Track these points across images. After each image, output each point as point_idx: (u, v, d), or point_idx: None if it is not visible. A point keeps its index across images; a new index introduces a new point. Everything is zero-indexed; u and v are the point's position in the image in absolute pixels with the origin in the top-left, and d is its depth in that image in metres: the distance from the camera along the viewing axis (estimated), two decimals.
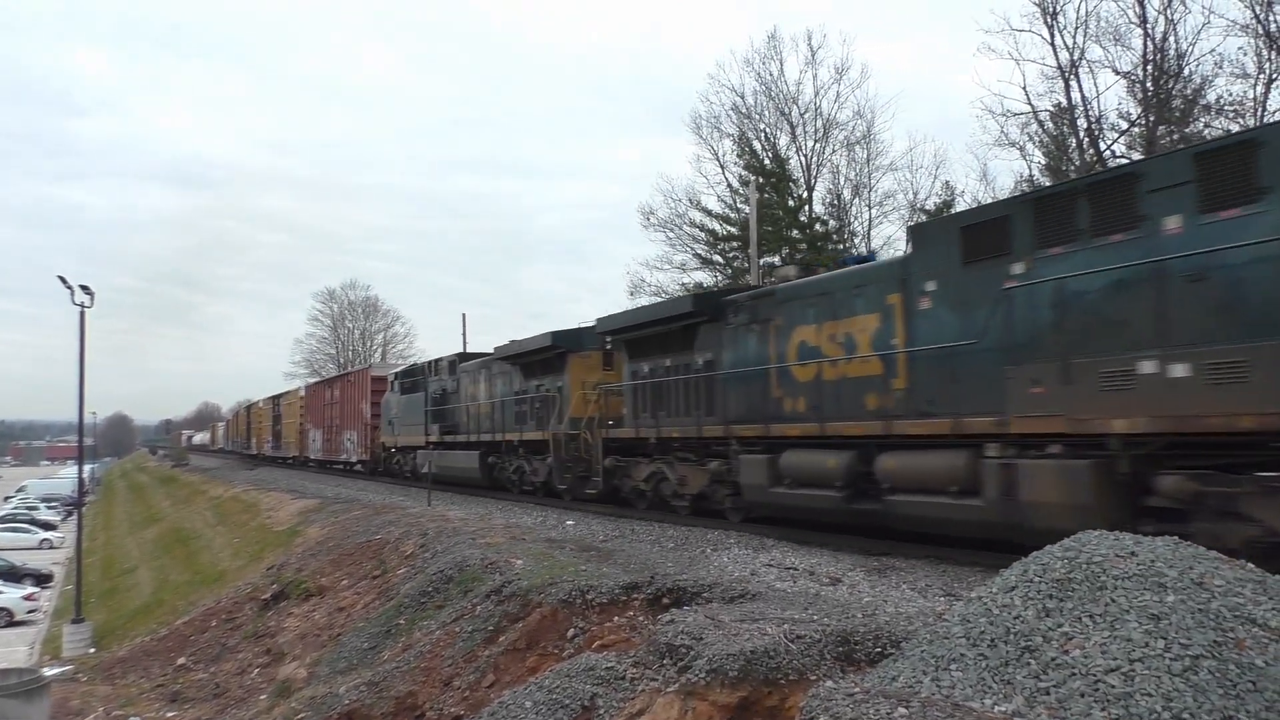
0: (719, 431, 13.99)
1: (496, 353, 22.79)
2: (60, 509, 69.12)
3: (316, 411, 44.54)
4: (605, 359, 19.17)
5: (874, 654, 6.23)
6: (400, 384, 30.08)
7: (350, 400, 37.89)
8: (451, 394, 26.52)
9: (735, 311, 14.03)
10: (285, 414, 51.98)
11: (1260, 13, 24.16)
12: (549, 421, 19.57)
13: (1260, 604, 4.91)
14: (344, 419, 39.09)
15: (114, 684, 16.54)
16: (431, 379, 27.62)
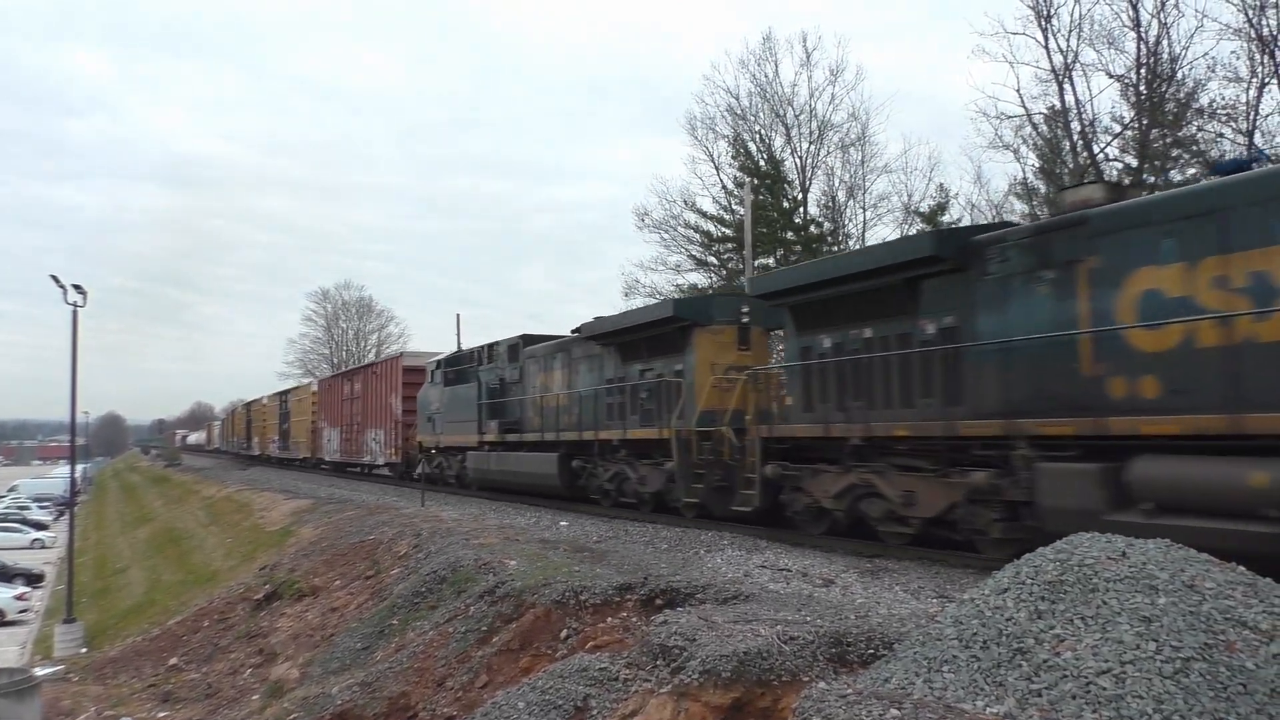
0: (993, 429, 9.83)
1: (583, 331, 18.46)
2: (52, 508, 68.95)
3: (333, 408, 39.62)
4: (740, 335, 15.51)
5: (867, 655, 6.25)
6: (444, 374, 25.33)
7: (376, 394, 33.16)
8: (513, 384, 22.10)
9: (1001, 255, 10.08)
10: (295, 411, 47.71)
11: (1253, 17, 24.27)
12: (664, 416, 15.66)
13: (1251, 606, 4.93)
14: (368, 416, 34.24)
15: (105, 684, 16.49)
16: (485, 367, 23.43)
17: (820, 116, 37.97)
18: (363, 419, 34.86)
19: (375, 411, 33.16)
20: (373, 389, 33.67)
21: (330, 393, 40.50)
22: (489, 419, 22.12)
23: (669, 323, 15.78)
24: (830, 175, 38.29)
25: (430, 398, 26.24)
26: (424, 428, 27.13)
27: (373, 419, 33.61)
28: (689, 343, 15.46)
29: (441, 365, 25.75)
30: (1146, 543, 5.69)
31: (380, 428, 32.49)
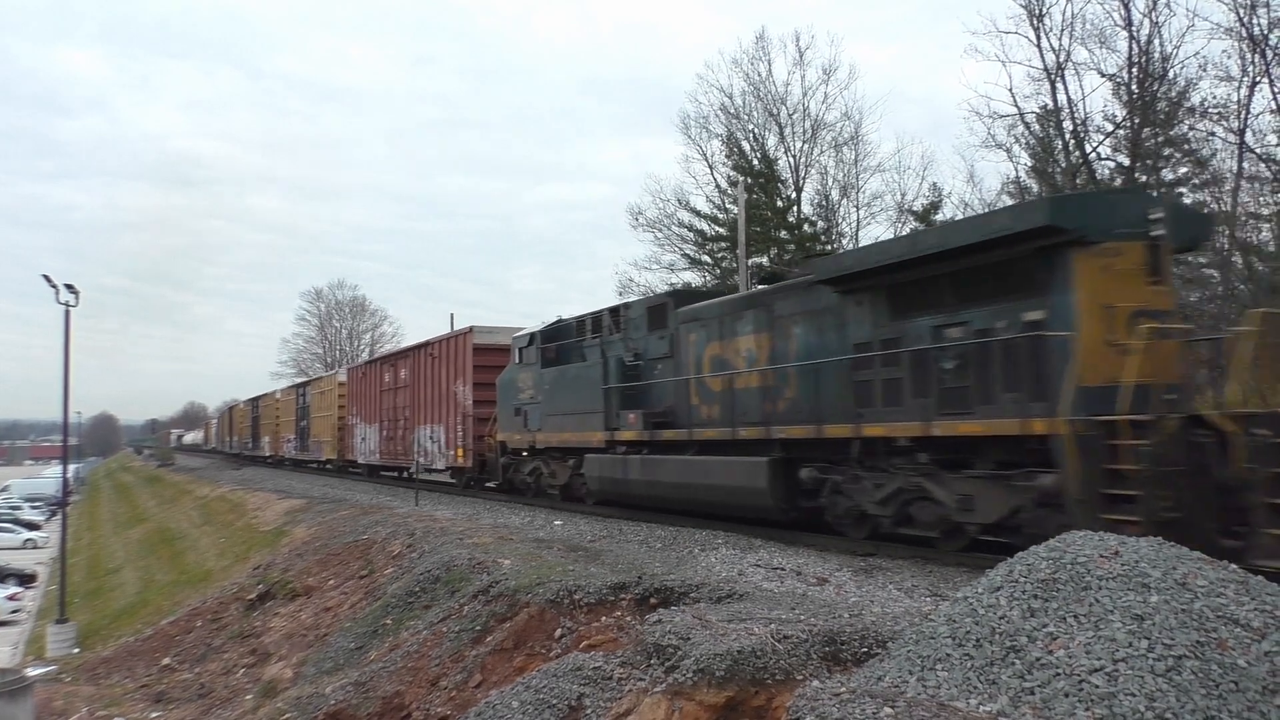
0: None
1: (814, 271, 12.45)
2: (45, 508, 68.72)
3: (368, 400, 32.63)
4: (1150, 259, 9.57)
5: (860, 654, 6.26)
6: (540, 352, 19.28)
7: (433, 381, 26.32)
8: (660, 360, 15.99)
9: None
10: (316, 406, 40.22)
11: (1244, 16, 24.35)
12: (996, 396, 9.75)
13: (1243, 604, 4.95)
14: (420, 409, 27.29)
15: (98, 684, 16.43)
16: (611, 339, 17.38)
17: (813, 115, 37.98)
18: (412, 413, 27.89)
19: (432, 403, 26.31)
20: (427, 375, 26.86)
21: (364, 382, 33.34)
22: (623, 409, 16.04)
23: (1021, 240, 9.53)
24: (824, 174, 38.33)
25: (518, 384, 19.97)
26: (507, 422, 20.56)
27: (428, 412, 26.63)
28: (1064, 272, 9.42)
29: (537, 341, 19.48)
30: (1139, 541, 5.71)
31: (439, 423, 25.61)
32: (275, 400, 50.43)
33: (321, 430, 39.32)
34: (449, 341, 25.45)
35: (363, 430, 33.23)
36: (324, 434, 38.78)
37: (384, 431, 30.67)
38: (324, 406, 38.81)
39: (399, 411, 29.25)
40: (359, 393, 33.87)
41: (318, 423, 39.96)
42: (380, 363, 32.44)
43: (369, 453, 32.40)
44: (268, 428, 51.83)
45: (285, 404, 47.34)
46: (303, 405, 43.09)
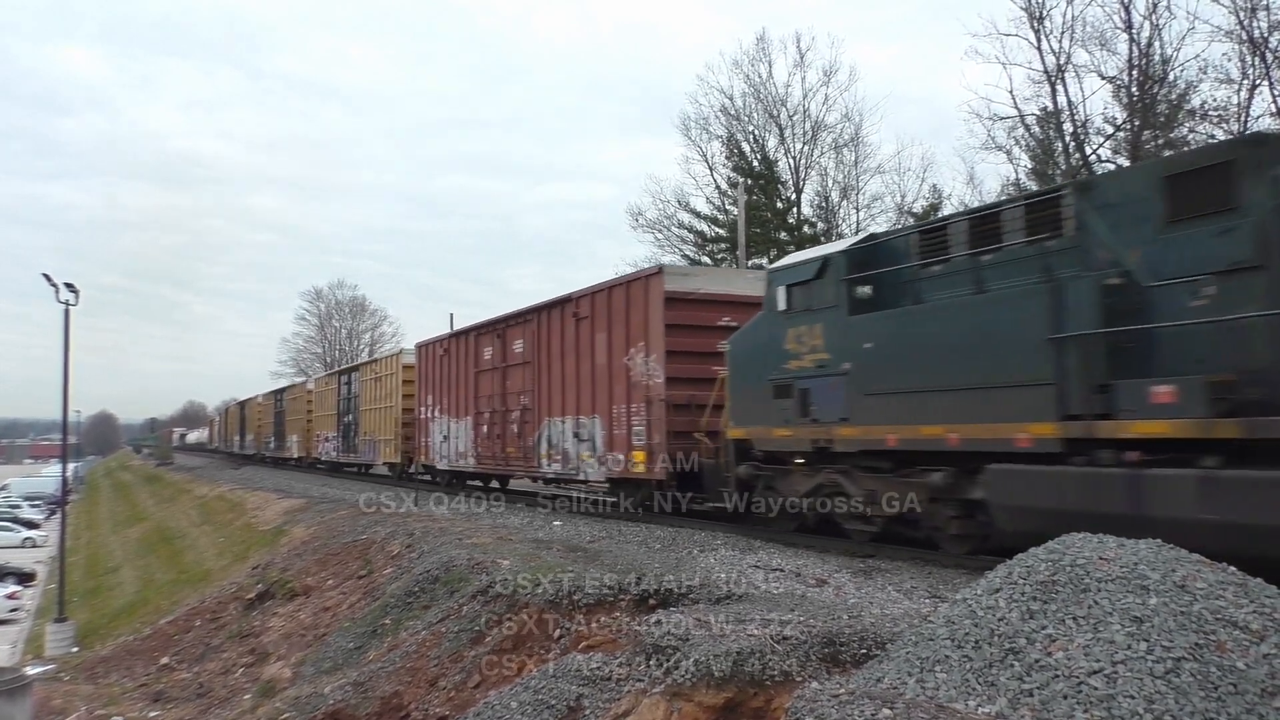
0: None
1: None
2: (44, 507, 68.76)
3: (453, 386, 23.57)
4: None
5: (859, 655, 6.26)
6: (844, 290, 11.16)
7: (576, 352, 17.84)
8: (1217, 275, 7.70)
9: None
10: (369, 396, 31.74)
11: (1244, 19, 24.37)
12: None
13: (1242, 607, 4.95)
14: (553, 393, 18.65)
15: (97, 683, 16.44)
16: (1052, 247, 9.22)
17: (814, 117, 38.04)
18: (536, 400, 19.24)
19: (574, 385, 17.82)
20: (566, 344, 18.16)
21: (446, 362, 24.12)
22: (1113, 375, 8.23)
23: None
24: (824, 176, 38.40)
25: (785, 344, 12.05)
26: (755, 409, 12.62)
27: (566, 399, 18.04)
28: None
29: (835, 270, 11.32)
30: (1138, 543, 5.71)
31: (590, 414, 17.18)
32: (307, 392, 42.84)
33: (377, 426, 30.67)
34: (614, 291, 16.67)
35: (445, 426, 24.06)
36: (381, 430, 30.27)
37: (483, 427, 21.64)
38: (380, 396, 30.57)
39: (511, 399, 20.33)
40: (438, 376, 24.69)
41: (372, 417, 31.48)
42: (476, 333, 22.33)
43: (456, 455, 23.32)
44: (296, 424, 43.94)
45: (322, 395, 38.84)
46: (348, 396, 34.60)
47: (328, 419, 37.80)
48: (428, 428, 25.45)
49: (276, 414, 48.98)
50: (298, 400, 44.40)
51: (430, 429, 25.28)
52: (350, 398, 34.47)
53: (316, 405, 39.99)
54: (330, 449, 37.29)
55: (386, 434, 29.66)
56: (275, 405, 49.47)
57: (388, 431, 29.52)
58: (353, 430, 33.89)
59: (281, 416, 47.84)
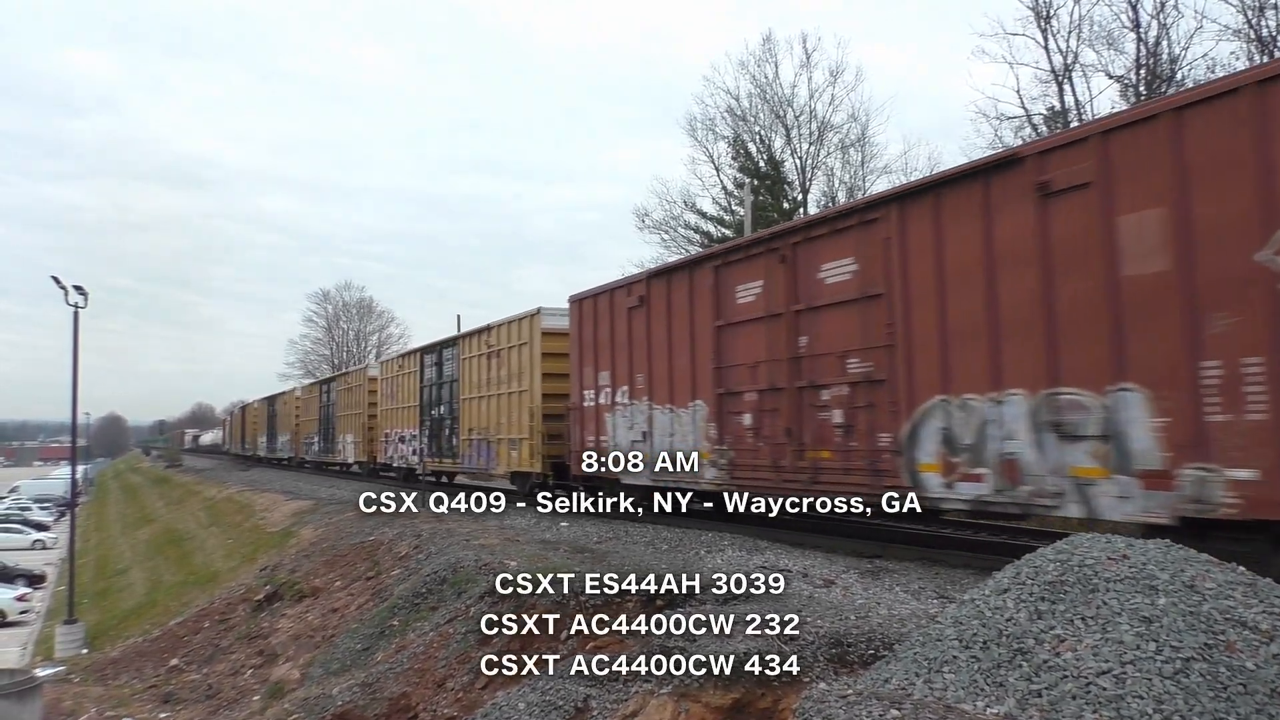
0: None
1: None
2: (53, 509, 68.99)
3: (659, 353, 14.87)
4: None
5: (867, 656, 6.25)
6: None
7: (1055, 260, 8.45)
8: None
9: None
10: (471, 382, 22.69)
11: (1252, 18, 24.26)
12: None
13: (1251, 607, 4.93)
14: (961, 349, 9.45)
15: (107, 685, 16.50)
16: None
17: (820, 117, 37.93)
18: (899, 362, 10.32)
19: (1050, 326, 8.53)
20: (1007, 251, 9.02)
21: (639, 319, 15.52)
22: None
23: None
24: (830, 176, 38.29)
25: None
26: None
27: (1027, 354, 8.78)
28: None
29: None
30: (1147, 543, 5.69)
31: (1134, 381, 7.81)
32: (369, 379, 33.26)
33: (491, 420, 21.27)
34: None
35: (640, 417, 15.22)
36: (501, 427, 20.66)
37: (740, 417, 12.95)
38: (491, 380, 21.30)
39: (819, 367, 11.61)
40: (621, 340, 15.93)
41: (477, 409, 22.17)
42: (716, 265, 13.55)
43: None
44: (348, 422, 35.72)
45: (394, 382, 29.51)
46: (435, 380, 25.48)
47: (398, 414, 28.85)
48: (599, 420, 16.33)
49: (323, 409, 39.39)
50: (354, 390, 34.97)
51: (605, 422, 16.16)
52: (440, 383, 25.00)
53: (385, 395, 30.46)
54: (406, 451, 27.79)
55: (513, 430, 20.05)
56: (322, 398, 40.10)
57: (515, 427, 19.92)
58: (441, 430, 24.80)
59: (330, 411, 38.44)
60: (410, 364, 27.84)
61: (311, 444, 41.56)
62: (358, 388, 34.51)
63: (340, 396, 36.90)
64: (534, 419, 19.23)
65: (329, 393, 38.99)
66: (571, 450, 17.35)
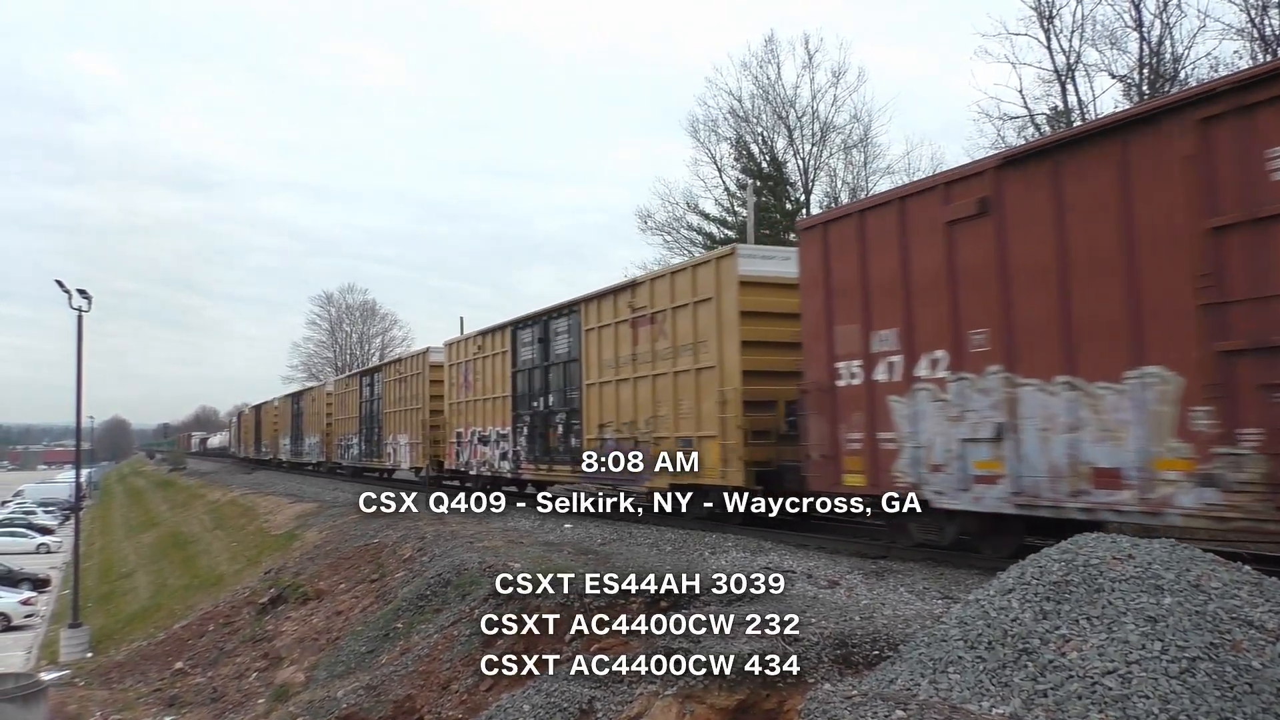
0: None
1: None
2: (57, 513, 69.04)
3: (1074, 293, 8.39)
4: None
5: (872, 657, 6.24)
6: None
7: None
8: None
9: None
10: (597, 357, 16.73)
11: (1255, 17, 24.23)
12: None
13: (1257, 606, 4.92)
14: None
15: (111, 688, 16.52)
16: None
17: (823, 118, 37.92)
18: None
19: None
20: None
21: (970, 239, 9.40)
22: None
23: None
24: (833, 177, 38.27)
25: None
26: None
27: None
28: None
29: None
30: (1152, 543, 5.68)
31: None
32: (427, 366, 25.83)
33: (640, 413, 15.34)
34: None
35: (1033, 400, 8.82)
36: (659, 422, 14.86)
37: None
38: (640, 357, 15.33)
39: None
40: (952, 274, 9.69)
41: (614, 397, 16.20)
42: (1229, 111, 7.28)
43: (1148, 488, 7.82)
44: (402, 419, 27.82)
45: (475, 366, 22.17)
46: (541, 360, 19.05)
47: (486, 407, 21.39)
48: (874, 408, 10.69)
49: (365, 405, 32.54)
50: (409, 380, 27.60)
51: (889, 412, 10.49)
52: (550, 363, 18.68)
53: (459, 384, 23.17)
54: (495, 457, 20.97)
55: (685, 425, 14.08)
56: (364, 390, 33.10)
57: (700, 421, 13.73)
58: (560, 423, 18.22)
59: (374, 409, 31.37)
60: (497, 343, 21.10)
61: (348, 446, 34.63)
62: (414, 377, 27.07)
63: (385, 389, 30.21)
64: (731, 406, 13.13)
65: (371, 384, 31.97)
66: (811, 454, 11.50)
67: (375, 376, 32.32)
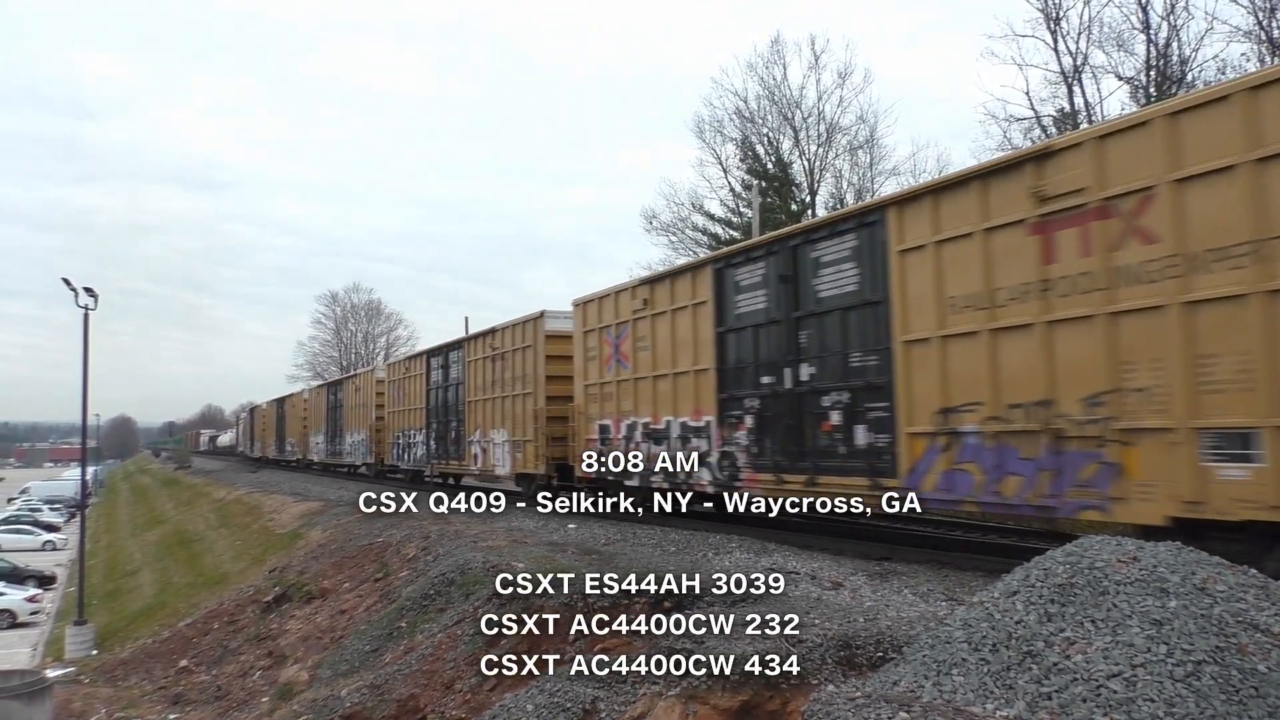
0: None
1: None
2: (63, 511, 69.23)
3: None
4: None
5: (875, 658, 6.23)
6: None
7: None
8: None
9: None
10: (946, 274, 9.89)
11: (1263, 19, 24.16)
12: None
13: (1263, 609, 4.90)
14: None
15: (116, 686, 16.55)
16: None
17: (828, 119, 37.91)
18: None
19: None
20: None
21: None
22: None
23: None
24: (839, 178, 38.25)
25: None
26: None
27: None
28: None
29: None
30: (1157, 545, 5.66)
31: None
32: (516, 347, 20.33)
33: None
34: None
35: None
36: None
37: None
38: None
39: None
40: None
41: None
42: None
43: None
44: (496, 412, 21.17)
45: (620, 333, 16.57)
46: (788, 294, 12.08)
47: (677, 389, 14.74)
48: None
49: (436, 393, 25.10)
50: (508, 360, 20.64)
51: None
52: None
53: (592, 363, 17.38)
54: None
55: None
56: (434, 373, 25.27)
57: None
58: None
59: (448, 394, 24.24)
60: (680, 289, 15.45)
61: (410, 445, 27.18)
62: (516, 354, 20.37)
63: (469, 370, 22.58)
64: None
65: (444, 366, 24.54)
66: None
67: (449, 354, 24.23)
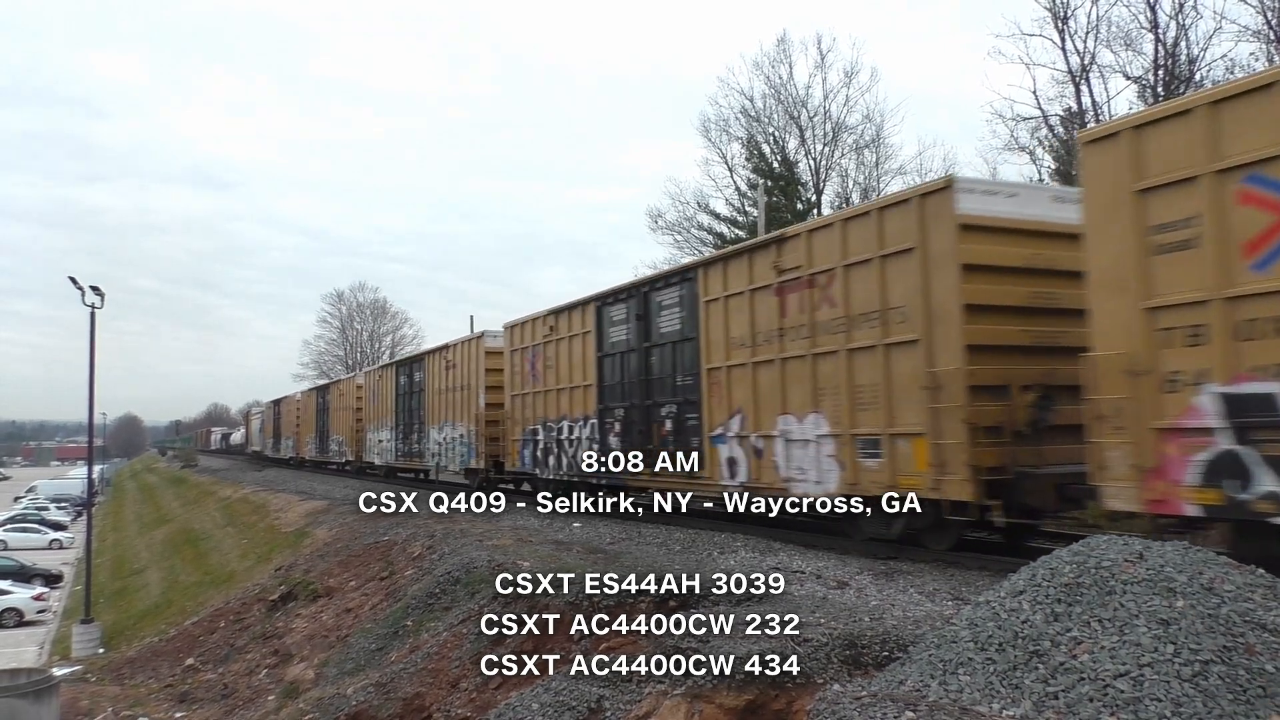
0: None
1: None
2: (70, 509, 69.45)
3: None
4: None
5: (881, 658, 6.22)
6: None
7: None
8: None
9: None
10: None
11: (1272, 19, 24.08)
12: None
13: (1271, 609, 4.88)
14: None
15: (123, 684, 16.60)
16: None
17: (834, 118, 37.85)
18: None
19: None
20: None
21: None
22: None
23: None
24: (844, 177, 38.22)
25: None
26: None
27: None
28: None
29: None
30: (1164, 545, 5.65)
31: None
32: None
33: None
34: None
35: None
36: None
37: None
38: None
39: None
40: None
41: None
42: None
43: None
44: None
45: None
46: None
47: None
48: None
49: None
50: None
51: None
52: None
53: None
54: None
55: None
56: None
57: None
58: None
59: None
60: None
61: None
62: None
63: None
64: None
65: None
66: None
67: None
